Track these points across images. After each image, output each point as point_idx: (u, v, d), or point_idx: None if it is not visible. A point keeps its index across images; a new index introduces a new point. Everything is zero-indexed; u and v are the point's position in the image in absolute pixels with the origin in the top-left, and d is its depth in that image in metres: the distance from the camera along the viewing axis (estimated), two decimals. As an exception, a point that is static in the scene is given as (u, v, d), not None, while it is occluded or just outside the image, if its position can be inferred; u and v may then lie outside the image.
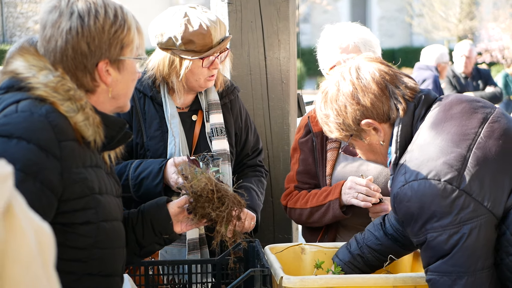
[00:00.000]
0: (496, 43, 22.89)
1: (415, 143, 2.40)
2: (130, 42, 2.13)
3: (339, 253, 2.91)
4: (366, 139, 2.53)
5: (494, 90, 9.02)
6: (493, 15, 26.69)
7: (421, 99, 2.47)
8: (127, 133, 2.20)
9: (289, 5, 3.96)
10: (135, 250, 2.48)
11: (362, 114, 2.47)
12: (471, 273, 2.26)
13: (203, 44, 3.12)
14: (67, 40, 2.04)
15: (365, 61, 2.54)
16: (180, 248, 3.22)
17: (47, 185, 1.92)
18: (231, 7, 3.87)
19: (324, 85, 2.59)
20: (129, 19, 2.13)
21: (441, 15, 28.04)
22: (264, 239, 3.66)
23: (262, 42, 3.92)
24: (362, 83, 2.47)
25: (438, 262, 2.29)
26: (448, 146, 2.31)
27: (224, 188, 2.48)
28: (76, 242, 2.02)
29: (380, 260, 2.85)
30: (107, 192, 2.13)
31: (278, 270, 2.62)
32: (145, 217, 2.49)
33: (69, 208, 1.99)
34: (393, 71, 2.51)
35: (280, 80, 3.98)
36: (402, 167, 2.37)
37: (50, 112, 1.97)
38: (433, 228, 2.27)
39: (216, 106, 3.36)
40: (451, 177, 2.25)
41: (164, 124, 3.25)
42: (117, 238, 2.19)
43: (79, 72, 2.07)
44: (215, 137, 3.32)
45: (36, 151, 1.90)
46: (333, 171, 3.30)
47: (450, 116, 2.39)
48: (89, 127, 2.04)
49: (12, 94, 2.02)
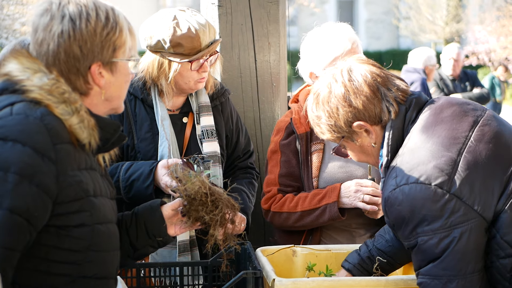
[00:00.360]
0: (483, 45, 23.04)
1: (406, 147, 2.40)
2: (123, 44, 2.12)
3: (348, 257, 2.90)
4: (357, 141, 2.53)
5: (481, 91, 9.07)
6: (480, 18, 26.85)
7: (412, 102, 2.47)
8: (121, 135, 2.19)
9: (279, 8, 3.97)
10: (129, 253, 2.47)
11: (354, 116, 2.48)
12: (462, 276, 2.27)
13: (191, 47, 3.12)
14: (59, 44, 2.04)
15: (357, 63, 2.54)
16: (171, 250, 3.21)
17: (43, 188, 1.91)
18: (221, 9, 3.88)
19: (316, 87, 2.58)
20: (121, 20, 2.13)
21: (428, 17, 28.18)
22: (255, 241, 3.65)
23: (252, 44, 3.93)
24: (354, 85, 2.47)
25: (429, 266, 2.30)
26: (439, 150, 2.32)
27: (218, 191, 2.48)
28: (70, 244, 2.01)
29: (390, 264, 2.84)
30: (101, 195, 2.13)
31: (270, 272, 2.62)
32: (139, 219, 2.48)
33: (64, 210, 1.98)
34: (385, 73, 2.52)
35: (270, 82, 3.98)
36: (393, 171, 2.38)
37: (45, 115, 1.96)
38: (424, 231, 2.28)
39: (207, 108, 3.36)
40: (441, 181, 2.26)
41: (154, 126, 3.25)
42: (112, 240, 2.18)
43: (72, 75, 2.07)
44: (206, 139, 3.32)
45: (32, 154, 1.89)
46: (319, 173, 3.28)
47: (441, 120, 2.39)
48: (84, 129, 2.03)
49: (6, 96, 2.01)
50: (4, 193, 1.86)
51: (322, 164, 3.28)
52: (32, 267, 1.98)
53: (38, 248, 1.97)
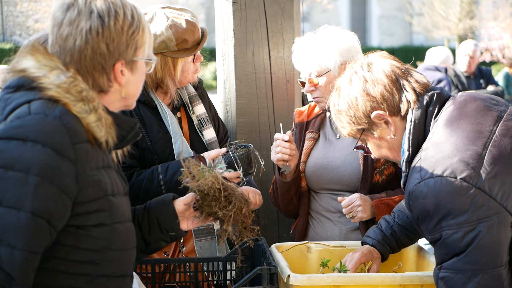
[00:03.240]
0: (496, 42, 22.90)
1: (430, 141, 2.40)
2: (143, 43, 2.13)
3: (370, 233, 2.97)
4: (377, 133, 2.54)
5: (495, 89, 9.03)
6: (493, 14, 26.67)
7: (434, 97, 2.48)
8: (136, 132, 2.20)
9: (294, 4, 3.97)
10: (141, 247, 2.47)
11: (372, 106, 2.49)
12: (486, 270, 2.27)
13: (193, 40, 3.16)
14: (87, 40, 2.03)
15: (378, 58, 2.59)
16: (211, 241, 3.25)
17: (63, 189, 1.90)
18: (235, 6, 3.88)
19: (338, 82, 2.63)
20: (143, 19, 2.13)
21: (441, 14, 28.00)
22: (268, 238, 3.66)
23: (266, 41, 3.93)
24: (373, 76, 2.50)
25: (453, 260, 2.30)
26: (464, 143, 2.32)
27: (231, 186, 2.48)
28: (90, 244, 2.01)
29: (410, 238, 2.95)
30: (118, 193, 2.12)
31: (285, 268, 2.63)
32: (151, 214, 2.48)
33: (83, 210, 1.98)
34: (405, 67, 2.55)
35: (284, 79, 3.98)
36: (417, 165, 2.38)
37: (63, 114, 1.95)
38: (449, 225, 2.28)
39: (196, 97, 3.41)
40: (467, 175, 2.26)
41: (162, 126, 3.26)
42: (129, 239, 2.18)
43: (96, 72, 2.06)
44: (204, 127, 3.37)
45: (52, 154, 1.88)
46: (307, 158, 3.43)
47: (465, 114, 2.40)
48: (102, 128, 2.02)
49: (23, 93, 2.00)
50: (25, 195, 1.85)
51: (312, 150, 3.46)
52: (51, 267, 1.98)
53: (58, 248, 1.97)
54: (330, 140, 3.44)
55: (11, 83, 2.04)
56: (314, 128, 3.49)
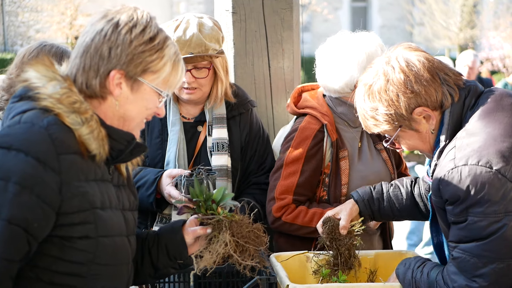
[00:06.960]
0: (497, 51, 22.94)
1: (465, 130, 2.42)
2: (157, 71, 2.12)
3: (360, 189, 2.99)
4: (416, 129, 2.52)
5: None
6: (494, 24, 26.72)
7: (471, 89, 2.49)
8: (141, 146, 2.18)
9: (293, 14, 3.98)
10: (150, 272, 2.45)
11: (416, 102, 2.47)
12: (503, 260, 2.29)
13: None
14: (93, 38, 2.07)
15: (408, 51, 2.54)
16: None
17: (44, 199, 1.90)
18: (235, 16, 3.89)
19: (365, 80, 2.56)
20: (168, 51, 2.13)
21: (441, 24, 28.06)
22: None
23: (266, 51, 3.94)
24: (414, 71, 2.47)
25: (472, 244, 2.32)
26: (501, 135, 2.34)
27: (246, 238, 2.41)
28: (74, 256, 2.00)
29: (393, 213, 2.97)
30: (111, 207, 2.10)
31: (284, 278, 2.63)
32: (161, 240, 2.45)
33: (68, 221, 1.97)
34: (439, 60, 2.53)
35: (284, 89, 3.99)
36: (450, 153, 2.39)
37: (51, 124, 1.97)
38: (476, 213, 2.30)
39: (221, 120, 3.35)
40: (502, 167, 2.28)
41: (165, 133, 3.27)
42: (119, 254, 2.15)
43: (91, 72, 2.08)
44: (216, 152, 3.30)
45: (34, 164, 1.89)
46: (348, 179, 3.26)
47: (502, 107, 2.42)
48: (94, 140, 2.03)
49: (23, 103, 2.03)
50: (3, 203, 1.86)
51: (351, 170, 3.28)
52: (35, 277, 1.98)
53: (41, 258, 1.97)
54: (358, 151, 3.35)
55: (17, 92, 2.08)
56: (344, 146, 3.31)
